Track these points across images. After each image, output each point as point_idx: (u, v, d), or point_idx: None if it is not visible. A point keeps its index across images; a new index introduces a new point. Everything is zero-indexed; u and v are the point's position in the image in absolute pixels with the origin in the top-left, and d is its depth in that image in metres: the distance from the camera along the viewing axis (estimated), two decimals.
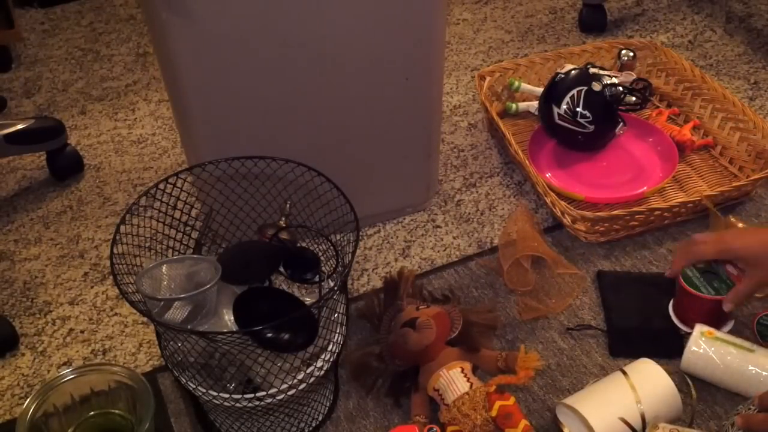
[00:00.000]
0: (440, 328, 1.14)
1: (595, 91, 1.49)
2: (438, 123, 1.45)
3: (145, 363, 1.26)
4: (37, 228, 1.51)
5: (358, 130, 1.32)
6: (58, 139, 1.58)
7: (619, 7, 2.09)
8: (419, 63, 1.28)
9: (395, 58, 1.25)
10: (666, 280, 1.30)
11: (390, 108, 1.32)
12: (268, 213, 1.18)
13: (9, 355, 1.28)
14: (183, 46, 1.13)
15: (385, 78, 1.27)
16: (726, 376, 1.13)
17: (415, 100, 1.33)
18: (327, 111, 1.27)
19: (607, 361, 1.21)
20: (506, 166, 1.60)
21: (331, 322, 1.06)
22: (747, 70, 1.83)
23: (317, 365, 1.03)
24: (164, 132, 1.73)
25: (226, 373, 1.06)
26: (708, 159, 1.56)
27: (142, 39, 2.03)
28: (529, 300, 1.30)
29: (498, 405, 1.07)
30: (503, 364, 1.14)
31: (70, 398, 1.08)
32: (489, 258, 1.39)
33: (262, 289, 1.09)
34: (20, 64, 1.95)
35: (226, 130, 1.24)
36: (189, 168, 1.14)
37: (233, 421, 1.12)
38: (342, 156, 1.32)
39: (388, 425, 1.14)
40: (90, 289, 1.39)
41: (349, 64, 1.22)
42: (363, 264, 1.41)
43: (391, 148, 1.38)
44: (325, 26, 1.17)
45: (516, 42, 1.98)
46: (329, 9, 1.15)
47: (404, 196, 1.48)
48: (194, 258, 1.08)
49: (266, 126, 1.25)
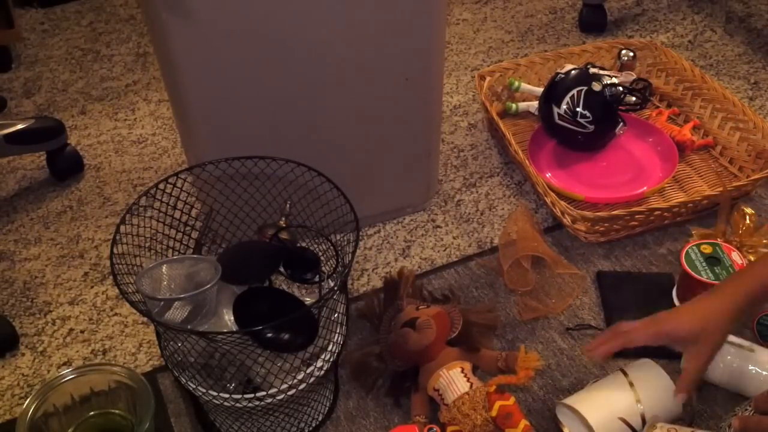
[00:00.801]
0: (440, 328, 1.14)
1: (595, 91, 1.49)
2: (438, 123, 1.45)
3: (145, 363, 1.26)
4: (37, 228, 1.51)
5: (358, 130, 1.32)
6: (58, 139, 1.58)
7: (619, 7, 2.09)
8: (419, 63, 1.28)
9: (395, 58, 1.25)
10: (666, 280, 1.30)
11: (390, 108, 1.32)
12: (268, 213, 1.18)
13: (9, 355, 1.28)
14: (183, 46, 1.13)
15: (385, 78, 1.27)
16: (726, 375, 1.13)
17: (415, 100, 1.33)
18: (327, 111, 1.27)
19: (607, 361, 1.21)
20: (506, 166, 1.60)
21: (331, 322, 1.06)
22: (747, 70, 1.83)
23: (317, 365, 1.03)
24: (164, 132, 1.73)
25: (226, 373, 1.06)
26: (708, 159, 1.56)
27: (142, 39, 2.03)
28: (529, 300, 1.30)
29: (498, 405, 1.07)
30: (503, 364, 1.14)
31: (70, 398, 1.08)
32: (489, 258, 1.39)
33: (262, 289, 1.09)
34: (20, 64, 1.95)
35: (226, 130, 1.24)
36: (189, 168, 1.14)
37: (233, 421, 1.12)
38: (342, 156, 1.32)
39: (388, 425, 1.14)
40: (90, 289, 1.39)
41: (349, 64, 1.23)
42: (363, 264, 1.41)
43: (391, 147, 1.38)
44: (325, 26, 1.17)
45: (516, 42, 1.98)
46: (329, 9, 1.15)
47: (404, 196, 1.48)
48: (194, 258, 1.08)
49: (266, 126, 1.25)
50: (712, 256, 1.24)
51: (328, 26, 1.17)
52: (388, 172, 1.42)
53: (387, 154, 1.39)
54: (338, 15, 1.17)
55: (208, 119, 1.23)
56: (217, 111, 1.22)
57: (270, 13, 1.13)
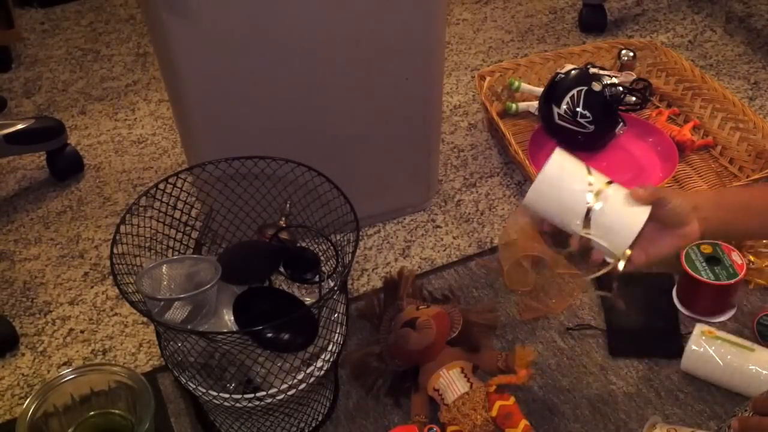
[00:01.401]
0: (440, 328, 1.14)
1: (595, 91, 1.49)
2: (438, 123, 1.45)
3: (145, 363, 1.26)
4: (37, 228, 1.51)
5: (358, 130, 1.32)
6: (58, 139, 1.58)
7: (619, 7, 2.09)
8: (419, 63, 1.28)
9: (395, 58, 1.25)
10: (666, 280, 1.30)
11: (390, 108, 1.32)
12: (268, 213, 1.18)
13: (9, 355, 1.28)
14: (183, 46, 1.13)
15: (385, 78, 1.27)
16: (726, 375, 1.13)
17: (416, 100, 1.33)
18: (327, 111, 1.27)
19: (607, 361, 1.21)
20: (506, 166, 1.60)
21: (331, 322, 1.06)
22: (747, 70, 1.83)
23: (317, 365, 1.03)
24: (164, 132, 1.73)
25: (226, 373, 1.06)
26: (708, 159, 1.56)
27: (142, 39, 2.03)
28: (529, 300, 1.30)
29: (498, 405, 1.07)
30: (503, 364, 1.14)
31: (70, 398, 1.08)
32: (489, 258, 1.39)
33: (262, 289, 1.09)
34: (20, 64, 1.95)
35: (226, 130, 1.24)
36: (189, 168, 1.14)
37: (233, 421, 1.12)
38: (342, 156, 1.32)
39: (388, 425, 1.14)
40: (90, 289, 1.39)
41: (349, 63, 1.23)
42: (363, 264, 1.41)
43: (391, 148, 1.38)
44: (325, 26, 1.17)
45: (516, 42, 1.98)
46: (329, 9, 1.15)
47: (404, 196, 1.48)
48: (194, 258, 1.08)
49: (266, 126, 1.25)
50: (712, 256, 1.24)
51: (328, 26, 1.17)
52: (388, 172, 1.42)
53: (387, 154, 1.39)
54: (338, 14, 1.17)
55: (208, 119, 1.23)
56: (217, 111, 1.22)
57: (270, 13, 1.13)
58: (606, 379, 1.19)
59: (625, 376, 1.20)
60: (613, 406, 1.16)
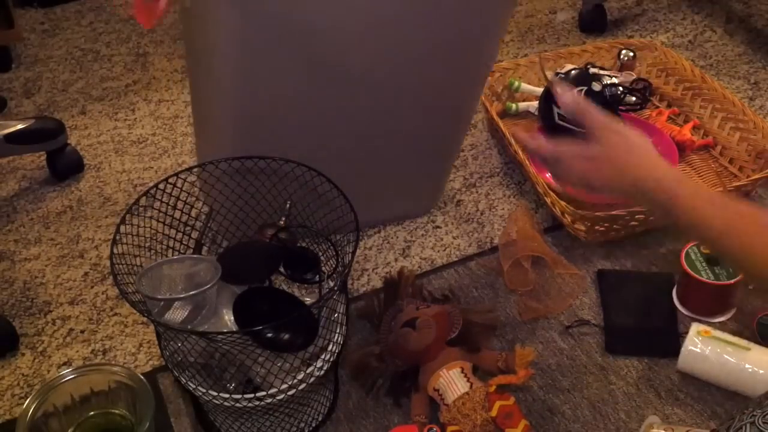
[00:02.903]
0: (440, 328, 1.14)
1: (595, 91, 1.49)
2: (459, 145, 1.46)
3: (145, 363, 1.26)
4: (37, 228, 1.51)
5: (385, 147, 1.31)
6: (58, 139, 1.58)
7: (619, 7, 2.08)
8: (465, 93, 1.29)
9: (442, 86, 1.24)
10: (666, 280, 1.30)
11: (419, 131, 1.31)
12: (268, 213, 1.18)
13: (9, 355, 1.28)
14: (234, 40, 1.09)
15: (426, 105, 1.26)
16: (723, 374, 1.13)
17: (446, 124, 1.33)
18: (358, 125, 1.25)
19: (607, 360, 1.21)
20: (506, 166, 1.60)
21: (331, 322, 1.06)
22: (747, 70, 1.83)
23: (317, 365, 1.03)
24: (164, 132, 1.73)
25: (226, 373, 1.06)
26: (708, 159, 1.56)
27: (142, 39, 2.03)
28: (529, 300, 1.30)
29: (498, 405, 1.07)
30: (503, 364, 1.14)
31: (70, 398, 1.08)
32: (489, 258, 1.39)
33: (262, 289, 1.09)
34: (20, 64, 1.95)
35: (254, 131, 1.22)
36: (189, 168, 1.14)
37: (233, 421, 1.12)
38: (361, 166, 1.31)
39: (388, 425, 1.14)
40: (90, 289, 1.39)
41: (394, 91, 1.21)
42: (363, 264, 1.41)
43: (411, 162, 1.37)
44: (376, 49, 1.14)
45: (516, 42, 1.98)
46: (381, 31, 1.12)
47: (411, 207, 1.48)
48: (194, 258, 1.08)
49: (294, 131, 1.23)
50: (713, 256, 1.24)
51: (379, 49, 1.14)
52: (400, 187, 1.41)
53: (403, 172, 1.38)
54: (388, 40, 1.14)
55: (239, 119, 1.20)
56: (250, 112, 1.19)
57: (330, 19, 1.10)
58: (606, 379, 1.19)
59: (625, 375, 1.20)
60: (613, 406, 1.16)
